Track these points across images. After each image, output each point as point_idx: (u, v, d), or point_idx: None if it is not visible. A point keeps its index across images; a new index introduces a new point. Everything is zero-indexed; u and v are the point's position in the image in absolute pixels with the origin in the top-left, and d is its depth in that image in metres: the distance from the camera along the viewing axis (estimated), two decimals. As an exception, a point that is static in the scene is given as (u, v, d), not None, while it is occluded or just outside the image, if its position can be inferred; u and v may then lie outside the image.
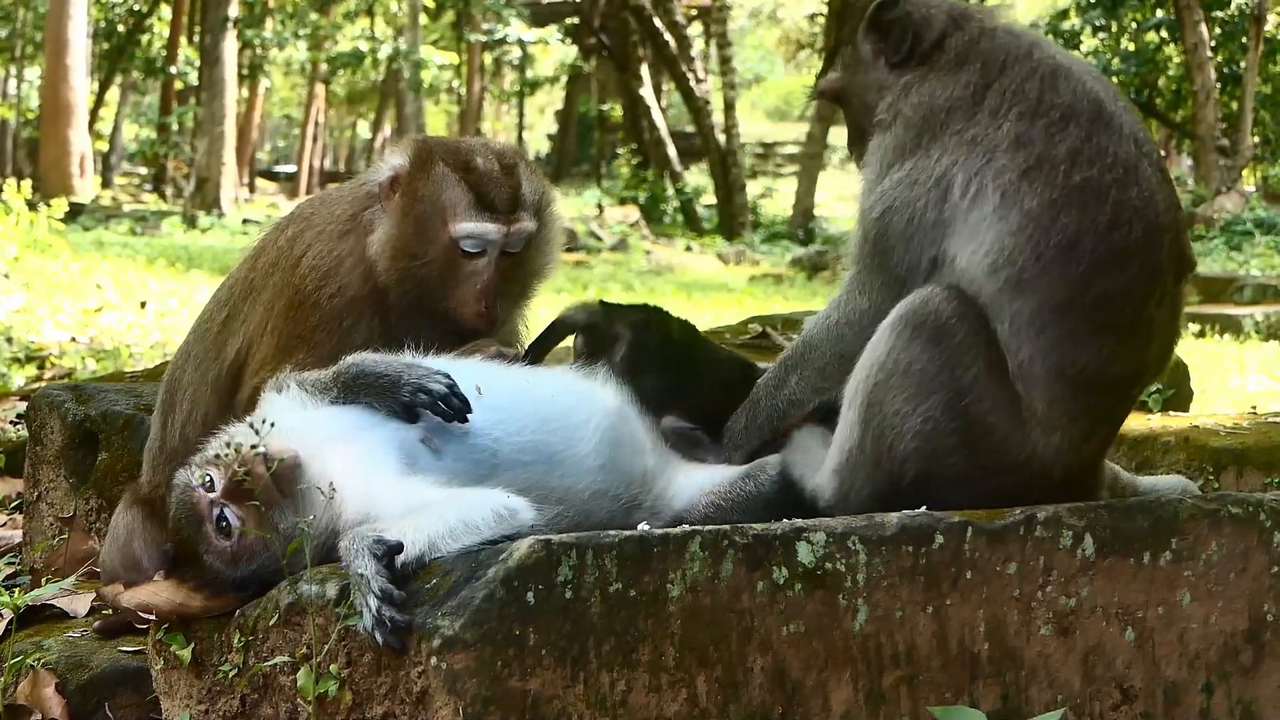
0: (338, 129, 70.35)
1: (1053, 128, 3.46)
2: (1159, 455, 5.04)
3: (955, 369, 3.42)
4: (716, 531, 3.12)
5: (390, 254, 4.04)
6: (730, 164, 36.86)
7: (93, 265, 17.14)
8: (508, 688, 2.93)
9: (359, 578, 3.01)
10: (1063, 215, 3.40)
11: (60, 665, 3.83)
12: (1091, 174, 3.43)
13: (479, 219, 4.03)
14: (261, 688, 3.27)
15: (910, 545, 3.23)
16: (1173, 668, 3.41)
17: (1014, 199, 3.42)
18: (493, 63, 53.60)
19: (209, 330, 4.28)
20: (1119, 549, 3.36)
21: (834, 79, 3.88)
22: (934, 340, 3.41)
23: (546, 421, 3.57)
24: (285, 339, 4.03)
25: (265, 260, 4.21)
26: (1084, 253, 3.40)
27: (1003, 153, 3.45)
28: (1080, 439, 3.51)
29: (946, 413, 3.43)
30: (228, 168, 35.09)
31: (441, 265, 4.05)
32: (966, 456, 3.46)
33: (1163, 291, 3.54)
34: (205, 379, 4.20)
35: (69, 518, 4.82)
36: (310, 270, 4.06)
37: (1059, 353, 3.43)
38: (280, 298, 4.09)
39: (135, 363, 10.16)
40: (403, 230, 4.05)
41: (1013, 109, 3.50)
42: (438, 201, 4.05)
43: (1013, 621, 3.30)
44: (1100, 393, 3.50)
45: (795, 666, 3.14)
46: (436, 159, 4.10)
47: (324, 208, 4.26)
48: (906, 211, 3.51)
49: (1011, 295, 3.42)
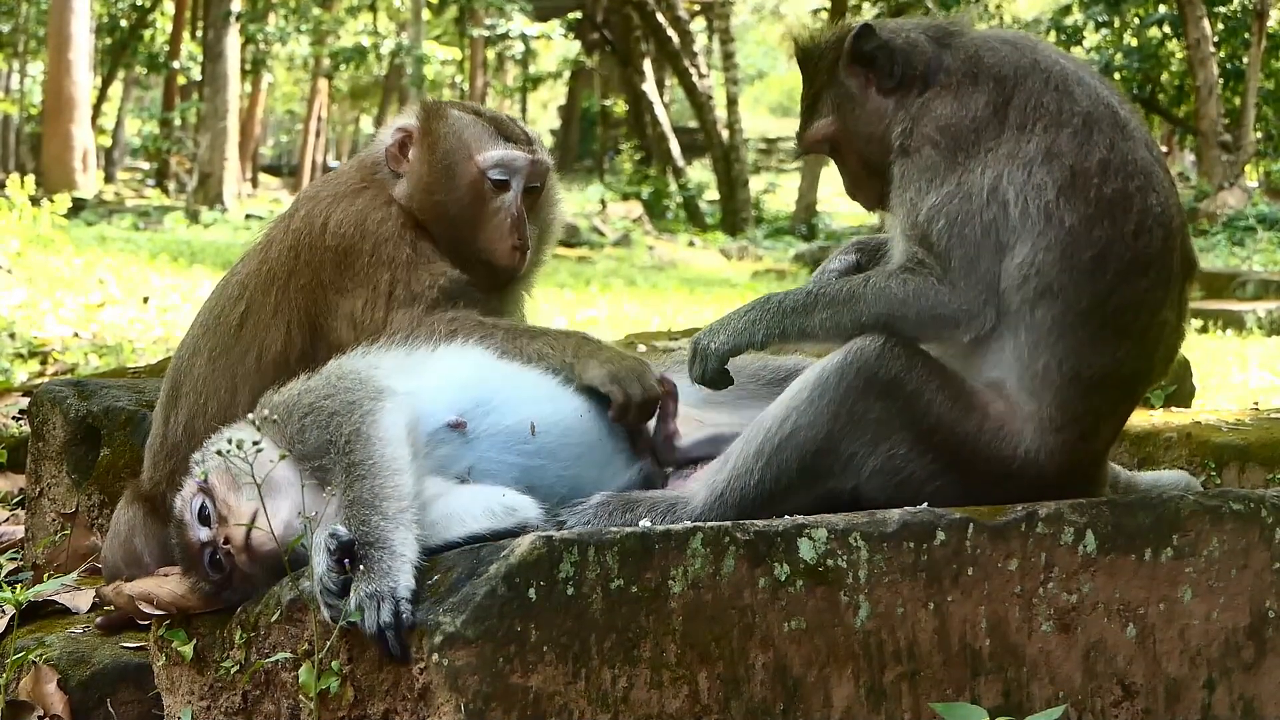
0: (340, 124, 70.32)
1: (1078, 136, 3.49)
2: (1161, 451, 5.04)
3: (915, 412, 3.44)
4: (718, 528, 3.12)
5: (420, 195, 4.15)
6: (733, 159, 36.84)
7: (95, 260, 17.11)
8: (509, 684, 2.93)
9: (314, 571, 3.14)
10: (1095, 229, 3.44)
11: (62, 661, 3.83)
12: (1119, 184, 3.47)
13: (506, 145, 4.19)
14: (263, 684, 3.28)
15: (912, 542, 3.23)
16: (1174, 664, 3.41)
17: (1055, 216, 3.44)
18: (495, 58, 53.61)
19: (223, 326, 4.24)
20: (1120, 545, 3.36)
21: (826, 124, 3.79)
22: (885, 394, 3.42)
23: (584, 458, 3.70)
24: (367, 285, 4.06)
25: (280, 248, 4.20)
26: (1112, 261, 3.45)
27: (1039, 167, 3.46)
28: (1081, 437, 3.51)
29: (914, 449, 3.45)
30: (230, 163, 35.11)
31: (470, 203, 4.15)
32: (955, 477, 3.47)
33: (1173, 293, 3.58)
34: (228, 373, 4.17)
35: (71, 514, 4.82)
36: (338, 227, 4.11)
37: (1077, 357, 3.45)
38: (323, 268, 4.11)
39: (138, 358, 10.15)
40: (430, 173, 4.16)
41: (1037, 123, 3.51)
42: (460, 138, 4.18)
43: (1014, 618, 3.29)
44: (1110, 393, 3.53)
45: (797, 663, 3.14)
46: (447, 107, 4.27)
47: (327, 183, 4.34)
48: (973, 222, 3.48)
49: (1034, 304, 3.44)
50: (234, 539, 3.31)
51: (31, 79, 47.60)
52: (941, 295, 3.48)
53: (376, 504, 3.17)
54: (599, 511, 3.50)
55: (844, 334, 3.53)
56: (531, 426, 3.60)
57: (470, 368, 3.73)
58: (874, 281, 3.54)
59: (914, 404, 3.42)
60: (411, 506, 3.19)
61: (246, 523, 3.28)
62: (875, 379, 3.41)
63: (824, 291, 3.59)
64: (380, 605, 2.98)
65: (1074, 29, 36.55)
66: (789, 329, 3.58)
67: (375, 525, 3.13)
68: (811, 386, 3.46)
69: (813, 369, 3.50)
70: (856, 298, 3.54)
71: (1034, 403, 3.48)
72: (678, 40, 36.70)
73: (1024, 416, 3.47)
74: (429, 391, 3.58)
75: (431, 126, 4.19)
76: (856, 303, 3.53)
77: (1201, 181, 31.62)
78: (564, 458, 3.63)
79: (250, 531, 3.28)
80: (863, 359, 3.42)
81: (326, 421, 3.38)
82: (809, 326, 3.57)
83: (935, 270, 3.48)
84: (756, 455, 3.46)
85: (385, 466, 3.25)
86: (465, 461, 3.50)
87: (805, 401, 3.44)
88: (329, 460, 3.33)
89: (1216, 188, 30.49)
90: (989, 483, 3.46)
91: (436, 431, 3.49)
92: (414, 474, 3.28)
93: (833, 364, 3.45)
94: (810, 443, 3.43)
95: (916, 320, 3.50)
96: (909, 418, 3.42)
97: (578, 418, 3.70)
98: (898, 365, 3.42)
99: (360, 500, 3.19)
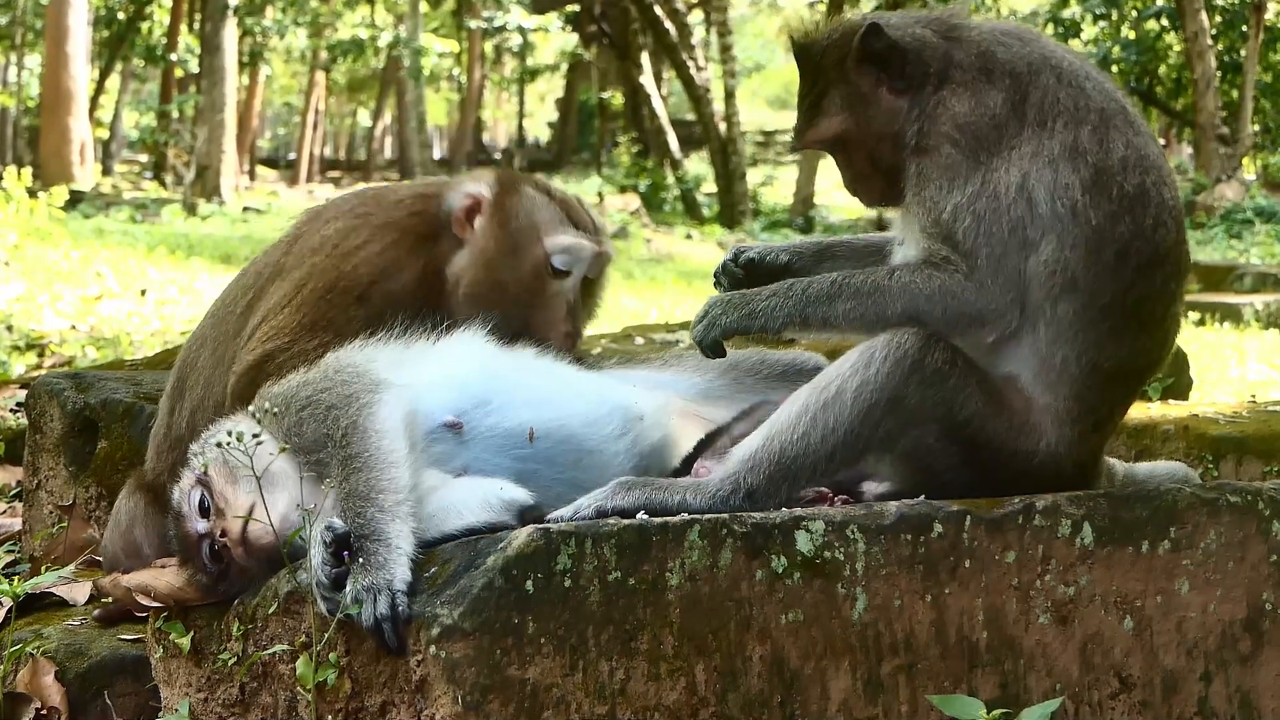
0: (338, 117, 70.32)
1: (1098, 133, 3.51)
2: (1158, 444, 5.05)
3: (952, 405, 3.43)
4: (715, 520, 3.12)
5: (480, 270, 4.09)
6: (730, 152, 36.79)
7: (93, 253, 17.11)
8: (506, 676, 2.93)
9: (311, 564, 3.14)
10: (1119, 224, 3.47)
11: (59, 653, 3.83)
12: (1139, 180, 3.51)
13: (574, 234, 4.15)
14: (261, 676, 3.28)
15: (909, 534, 3.23)
16: (1171, 656, 3.41)
17: (1082, 213, 3.46)
18: (493, 50, 53.61)
19: (229, 315, 4.25)
20: (1118, 538, 3.36)
21: (834, 123, 3.72)
22: (929, 383, 3.41)
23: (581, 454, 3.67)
24: (313, 318, 4.01)
25: (304, 245, 4.18)
26: (1133, 255, 3.48)
27: (1064, 164, 3.48)
28: (1094, 428, 3.55)
29: (941, 439, 3.45)
30: (228, 155, 35.05)
31: (529, 285, 4.11)
32: (972, 471, 3.48)
33: (1183, 286, 3.65)
34: (221, 362, 4.18)
35: (68, 506, 4.82)
36: (365, 262, 4.06)
37: (1096, 349, 3.47)
38: (318, 279, 4.07)
39: (135, 351, 10.16)
40: (496, 249, 4.10)
41: (1056, 119, 3.52)
42: (531, 217, 4.14)
43: (1011, 610, 3.30)
44: (1125, 384, 3.58)
45: (794, 655, 3.14)
46: (523, 182, 4.22)
47: (384, 210, 4.25)
48: (1000, 220, 3.48)
49: (1057, 299, 3.46)
50: (231, 531, 3.31)
51: (29, 71, 47.54)
52: (968, 294, 3.47)
53: (372, 496, 3.17)
54: (615, 490, 3.44)
55: (867, 326, 3.52)
56: (530, 433, 3.58)
57: (472, 362, 3.72)
58: (899, 276, 3.53)
59: (954, 397, 3.43)
60: (408, 499, 3.19)
61: (244, 515, 3.28)
62: (922, 365, 3.41)
63: (849, 282, 3.57)
64: (377, 598, 2.98)
65: (1071, 22, 36.56)
66: (811, 316, 3.57)
67: (371, 518, 3.13)
68: (857, 359, 3.44)
69: (858, 349, 3.47)
70: (881, 290, 3.53)
71: (1049, 395, 3.49)
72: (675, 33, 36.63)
73: (1040, 410, 3.49)
74: (428, 386, 3.57)
75: (505, 202, 4.15)
76: (882, 296, 3.52)
77: (1199, 174, 31.62)
78: (561, 464, 3.61)
79: (248, 524, 3.28)
80: (911, 345, 3.41)
81: (324, 415, 3.38)
82: (832, 316, 3.56)
83: (961, 268, 3.48)
84: (801, 411, 3.42)
85: (381, 459, 3.25)
86: (460, 461, 3.49)
87: (850, 370, 3.42)
88: (326, 454, 3.33)
89: (1214, 180, 30.50)
90: (1008, 478, 3.47)
91: (433, 430, 3.49)
92: (410, 467, 3.28)
93: (880, 341, 3.44)
94: (858, 404, 3.39)
95: (943, 318, 3.49)
96: (945, 409, 3.42)
97: (578, 424, 3.68)
98: (943, 357, 3.42)
99: (356, 493, 3.19)
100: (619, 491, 3.39)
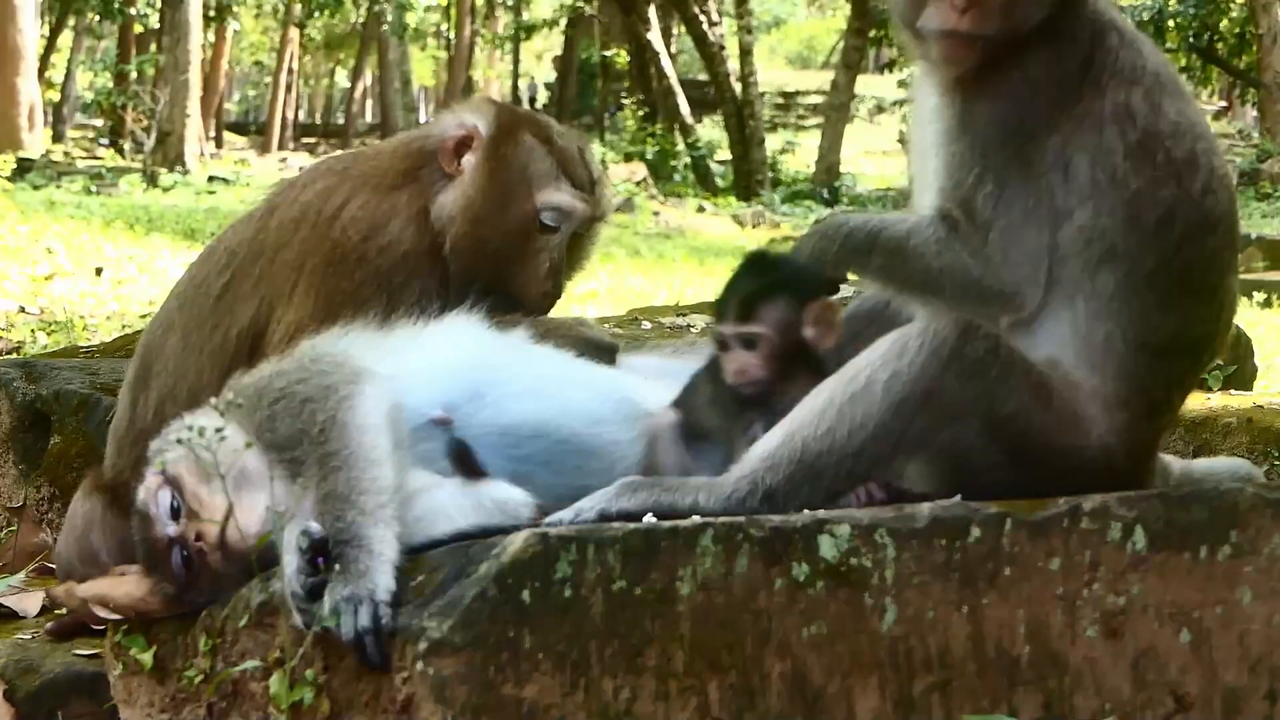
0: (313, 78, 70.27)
1: (1150, 97, 3.58)
2: (1219, 438, 5.06)
3: (994, 398, 3.44)
4: (731, 524, 3.13)
5: (466, 218, 4.17)
6: (747, 116, 36.79)
7: (43, 227, 17.11)
8: (501, 695, 2.94)
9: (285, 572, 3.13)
10: (1162, 189, 3.53)
11: (8, 670, 3.84)
12: (1189, 145, 3.57)
13: (568, 191, 4.24)
14: (230, 695, 3.29)
15: (943, 539, 3.24)
16: (1232, 673, 3.41)
17: (1121, 180, 3.52)
18: (485, 3, 53.52)
19: (202, 297, 4.25)
20: (1173, 542, 3.37)
21: None
22: (969, 374, 3.42)
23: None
24: (327, 298, 4.07)
25: (283, 217, 4.21)
26: (1179, 220, 3.54)
27: (1110, 127, 3.54)
28: (1148, 413, 3.58)
29: (983, 436, 3.46)
30: (192, 120, 35.05)
31: (513, 240, 4.20)
32: (1016, 470, 3.49)
33: (1236, 258, 3.70)
34: (199, 350, 4.18)
35: (18, 507, 4.83)
36: (352, 223, 4.12)
37: (1144, 321, 3.52)
38: (313, 254, 4.12)
39: (91, 336, 10.16)
40: (483, 200, 4.18)
41: (1112, 78, 3.59)
42: (525, 170, 4.22)
43: (1056, 622, 3.30)
44: (1180, 360, 3.62)
45: (817, 672, 3.15)
46: (522, 127, 4.28)
47: (363, 161, 4.34)
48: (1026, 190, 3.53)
49: (1096, 269, 3.51)
50: (207, 535, 3.31)
51: (-28, 27, 47.51)
52: (974, 272, 3.55)
53: (353, 498, 3.17)
54: (620, 491, 3.45)
55: (893, 289, 3.72)
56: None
57: (463, 350, 3.72)
58: (914, 242, 3.61)
59: (996, 389, 3.43)
60: (392, 501, 3.19)
61: (220, 518, 3.29)
62: (961, 355, 3.41)
63: (884, 233, 3.67)
64: (358, 609, 2.99)
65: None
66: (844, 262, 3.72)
67: (351, 521, 3.13)
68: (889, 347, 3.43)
69: (889, 336, 3.48)
70: (903, 254, 3.63)
71: (1096, 377, 3.52)
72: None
73: (1087, 395, 3.51)
74: (414, 376, 3.57)
75: (499, 149, 4.22)
76: (904, 262, 3.64)
77: (1264, 140, 31.56)
78: (558, 468, 3.61)
79: (225, 527, 3.28)
80: (949, 332, 3.42)
81: (299, 408, 3.38)
82: (868, 268, 3.73)
83: (971, 242, 3.52)
84: (826, 404, 3.43)
85: (363, 457, 3.25)
86: (448, 460, 3.49)
87: (881, 360, 3.43)
88: (302, 451, 3.33)
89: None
90: (1055, 475, 3.47)
91: (420, 427, 3.49)
92: (395, 465, 3.28)
93: (914, 330, 3.46)
94: (889, 397, 3.39)
95: (951, 295, 3.58)
96: (987, 402, 3.43)
97: (580, 419, 3.68)
98: (985, 345, 3.43)
99: (335, 494, 3.19)
100: (624, 492, 3.40)
